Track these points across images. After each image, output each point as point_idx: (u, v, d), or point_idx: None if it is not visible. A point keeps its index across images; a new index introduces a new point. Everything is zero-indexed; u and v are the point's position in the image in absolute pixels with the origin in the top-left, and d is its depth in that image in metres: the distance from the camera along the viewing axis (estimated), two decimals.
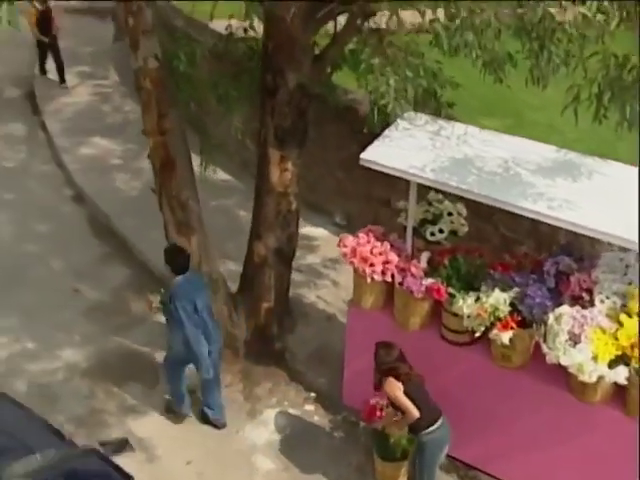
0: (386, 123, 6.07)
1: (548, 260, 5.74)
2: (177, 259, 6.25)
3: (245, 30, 6.81)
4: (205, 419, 6.87)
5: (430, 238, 6.24)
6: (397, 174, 5.84)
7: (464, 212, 6.47)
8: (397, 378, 5.62)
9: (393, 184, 6.64)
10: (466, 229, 6.43)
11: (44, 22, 13.40)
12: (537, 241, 6.96)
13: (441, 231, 6.26)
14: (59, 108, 12.94)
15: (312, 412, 7.15)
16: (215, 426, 6.84)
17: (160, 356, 7.73)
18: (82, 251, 9.49)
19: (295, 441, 6.87)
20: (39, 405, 7.10)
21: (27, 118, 12.86)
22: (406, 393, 5.58)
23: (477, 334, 5.60)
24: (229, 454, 6.71)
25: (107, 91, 13.48)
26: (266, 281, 7.30)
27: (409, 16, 5.51)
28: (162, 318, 8.25)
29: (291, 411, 7.16)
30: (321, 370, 7.36)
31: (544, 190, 5.38)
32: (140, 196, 9.67)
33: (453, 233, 6.33)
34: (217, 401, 6.80)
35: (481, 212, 6.64)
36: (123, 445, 6.05)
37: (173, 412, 6.94)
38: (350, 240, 6.22)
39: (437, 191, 6.52)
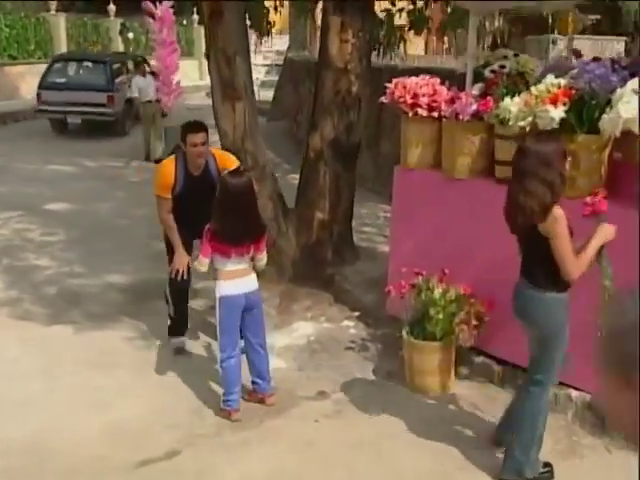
0: None
1: None
2: None
3: None
4: None
5: (490, 76, 5.14)
6: None
7: (536, 67, 5.31)
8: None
9: None
10: (536, 75, 5.24)
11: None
12: None
13: (503, 67, 5.15)
14: None
15: (349, 327, 5.87)
16: None
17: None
18: None
19: (318, 347, 5.58)
20: (58, 302, 6.56)
21: None
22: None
23: (522, 124, 4.29)
24: None
25: None
26: (320, 183, 6.36)
27: None
28: None
29: (325, 325, 5.92)
30: (371, 290, 6.11)
31: None
32: None
33: (520, 75, 5.17)
34: None
35: None
36: None
37: None
38: None
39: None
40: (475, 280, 4.80)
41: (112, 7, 25.89)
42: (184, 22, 29.77)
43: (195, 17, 31.50)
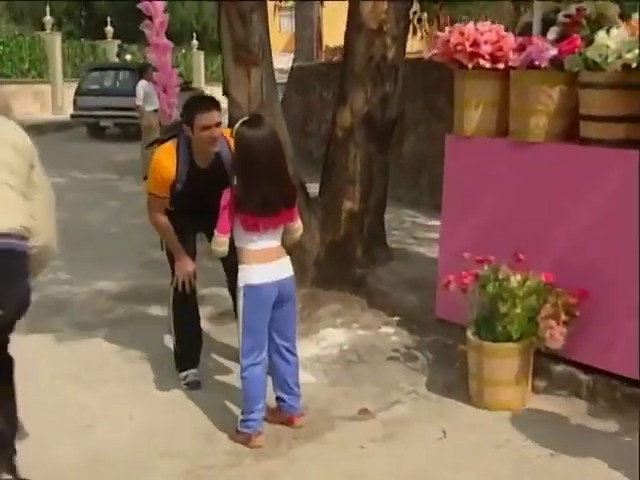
0: None
1: None
2: None
3: None
4: None
5: (563, 20, 4.19)
6: None
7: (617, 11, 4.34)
8: None
9: None
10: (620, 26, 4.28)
11: None
12: None
13: (582, 9, 4.19)
14: None
15: (389, 334, 4.85)
16: None
17: None
18: None
19: (354, 358, 4.57)
20: (39, 309, 5.50)
21: None
22: None
23: (629, 57, 3.33)
24: None
25: None
26: (349, 166, 5.38)
27: None
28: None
29: (360, 332, 4.91)
30: (412, 292, 5.11)
31: None
32: None
33: (603, 18, 4.22)
34: None
35: None
36: None
37: None
38: None
39: None
40: (557, 267, 3.80)
41: (110, 29, 25.28)
42: (183, 50, 29.19)
43: (194, 42, 30.95)
